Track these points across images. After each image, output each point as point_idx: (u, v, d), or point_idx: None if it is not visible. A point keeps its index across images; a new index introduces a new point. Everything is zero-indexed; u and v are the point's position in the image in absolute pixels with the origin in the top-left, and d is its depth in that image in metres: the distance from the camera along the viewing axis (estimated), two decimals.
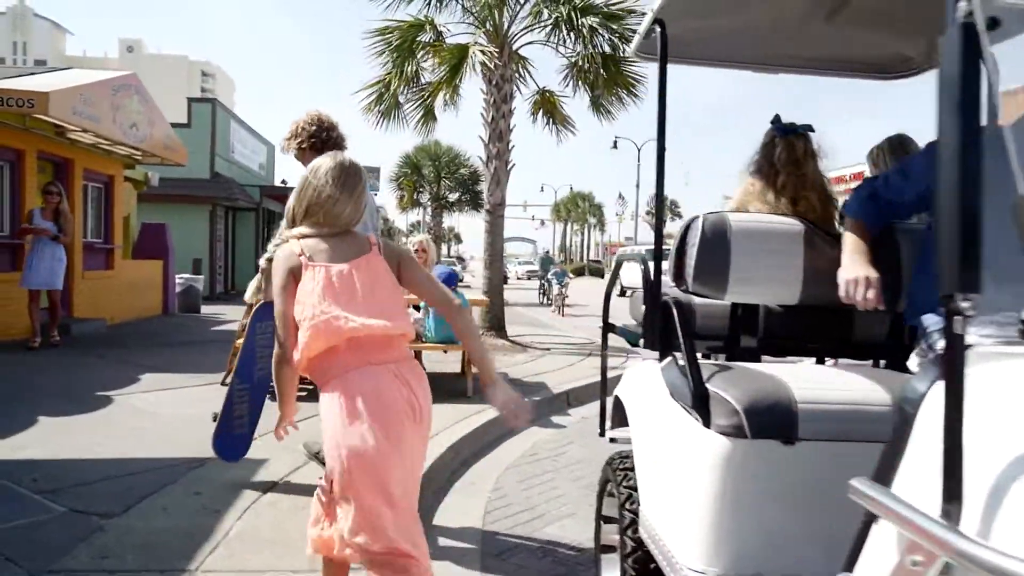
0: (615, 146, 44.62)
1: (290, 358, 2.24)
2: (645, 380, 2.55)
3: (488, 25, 10.15)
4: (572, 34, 10.07)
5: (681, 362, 2.15)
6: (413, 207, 32.34)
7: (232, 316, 14.20)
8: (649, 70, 10.20)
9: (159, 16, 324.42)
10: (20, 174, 9.33)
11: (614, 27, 9.86)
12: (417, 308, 6.57)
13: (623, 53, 9.99)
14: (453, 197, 31.69)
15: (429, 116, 11.10)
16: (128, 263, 12.87)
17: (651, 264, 2.71)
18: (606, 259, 62.48)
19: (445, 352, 7.18)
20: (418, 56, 10.12)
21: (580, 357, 9.26)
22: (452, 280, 7.25)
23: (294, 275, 2.21)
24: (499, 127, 10.38)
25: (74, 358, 7.93)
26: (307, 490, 3.13)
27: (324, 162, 2.34)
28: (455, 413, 5.70)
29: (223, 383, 6.09)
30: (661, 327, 2.47)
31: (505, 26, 10.17)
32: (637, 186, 43.78)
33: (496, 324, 10.24)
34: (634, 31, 10.41)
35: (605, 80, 10.16)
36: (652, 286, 2.61)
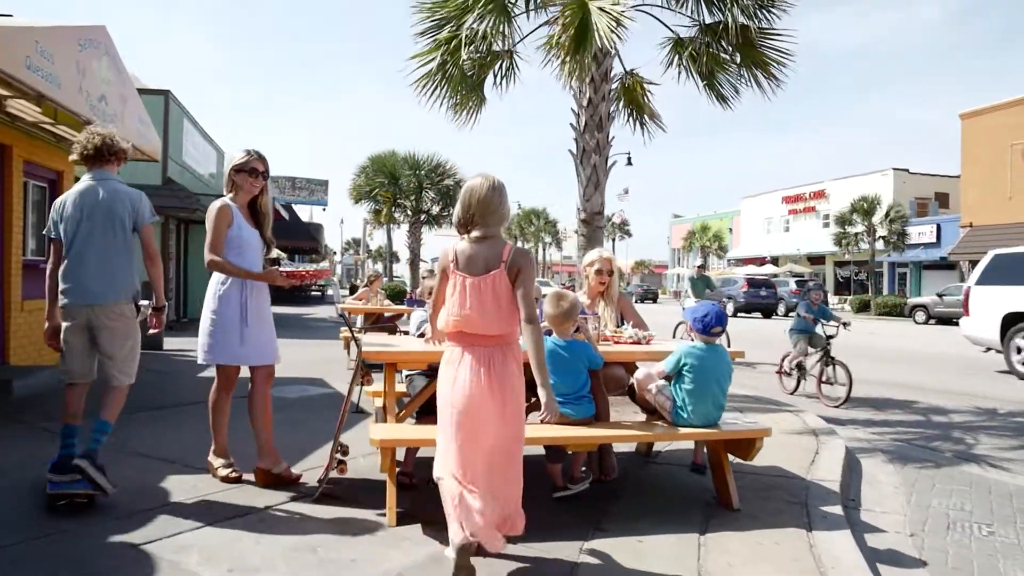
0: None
1: (436, 312, 3.26)
2: None
3: None
4: None
5: None
6: (390, 222, 29.29)
7: None
8: (793, 47, 7.92)
9: None
10: None
11: None
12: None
13: (760, 24, 7.73)
14: (435, 211, 28.80)
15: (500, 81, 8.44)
16: None
17: None
18: (556, 279, 60.42)
19: None
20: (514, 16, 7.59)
21: None
22: None
23: (444, 271, 3.16)
24: (599, 112, 7.97)
25: (12, 436, 5.15)
26: None
27: (477, 181, 3.13)
28: None
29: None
30: None
31: None
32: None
33: None
34: None
35: (742, 59, 7.87)
36: None
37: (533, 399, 3.41)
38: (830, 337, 8.54)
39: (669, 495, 4.40)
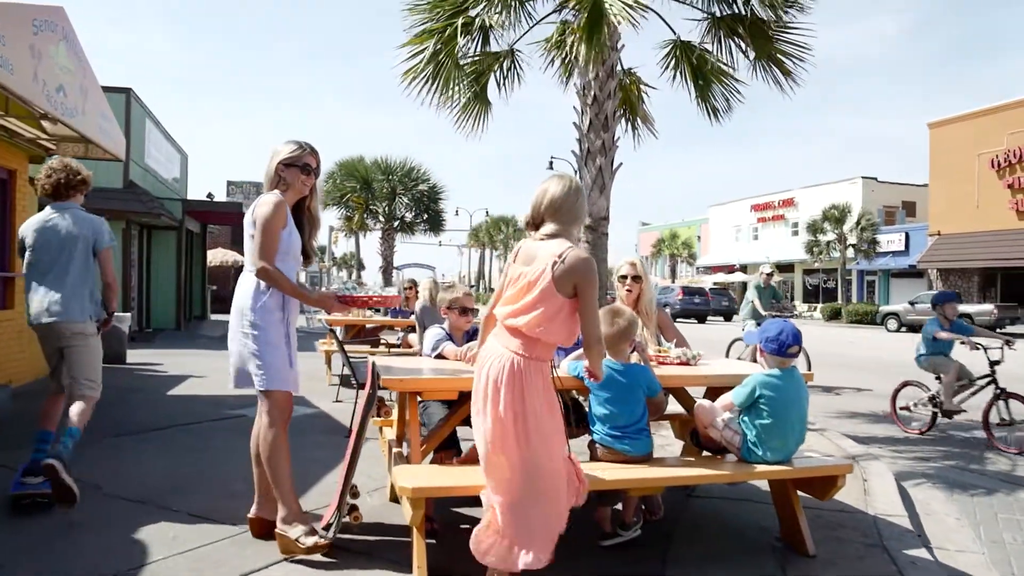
0: (551, 167, 42.40)
1: (490, 315, 2.97)
2: None
3: None
4: None
5: None
6: (361, 229, 28.25)
7: (170, 365, 10.49)
8: (812, 41, 7.48)
9: None
10: None
11: None
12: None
13: (773, 18, 7.29)
14: (408, 217, 27.85)
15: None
16: None
17: None
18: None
19: None
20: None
21: None
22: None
23: (509, 264, 2.96)
24: (604, 111, 7.45)
25: None
26: None
27: (553, 181, 2.95)
28: None
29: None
30: None
31: None
32: None
33: None
34: None
35: (757, 54, 7.40)
36: None
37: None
38: (995, 363, 6.72)
39: (728, 536, 3.86)
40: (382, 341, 10.01)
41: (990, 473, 5.80)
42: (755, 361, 3.74)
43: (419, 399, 3.91)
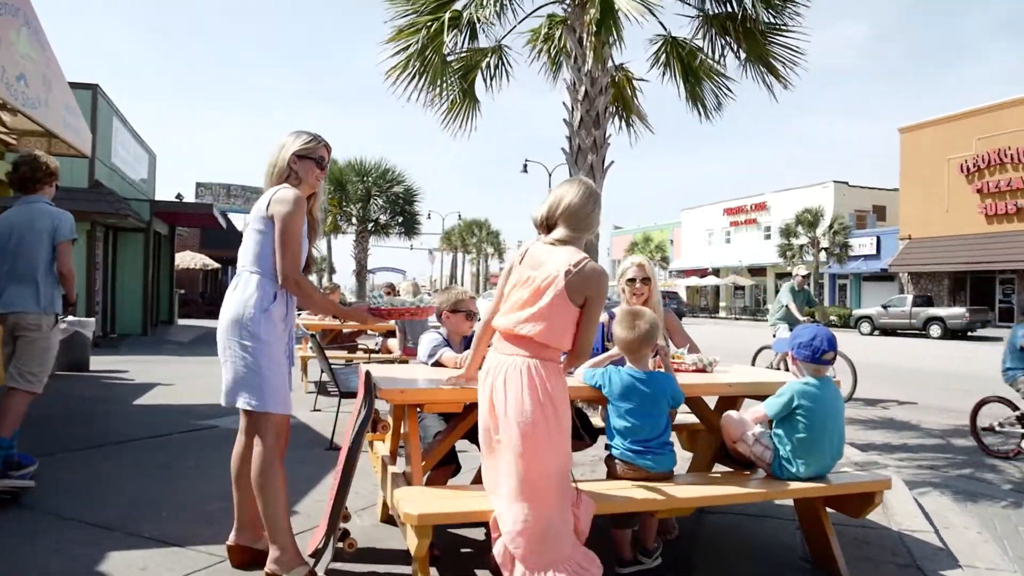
0: (525, 169, 42.19)
1: (488, 326, 2.84)
2: None
3: None
4: None
5: None
6: (334, 231, 27.66)
7: (136, 372, 9.99)
8: (803, 45, 7.25)
9: None
10: None
11: None
12: None
13: (763, 18, 7.07)
14: (383, 219, 27.27)
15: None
16: None
17: None
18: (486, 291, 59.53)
19: None
20: None
21: None
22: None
23: (509, 272, 2.83)
24: (595, 107, 7.18)
25: None
26: None
27: (572, 185, 2.85)
28: None
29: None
30: None
31: None
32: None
33: None
34: None
35: (748, 54, 7.17)
36: None
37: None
38: None
39: (752, 557, 3.58)
40: (360, 347, 9.64)
41: (999, 482, 5.61)
42: (787, 369, 3.47)
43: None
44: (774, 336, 9.91)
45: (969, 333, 27.42)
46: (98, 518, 3.79)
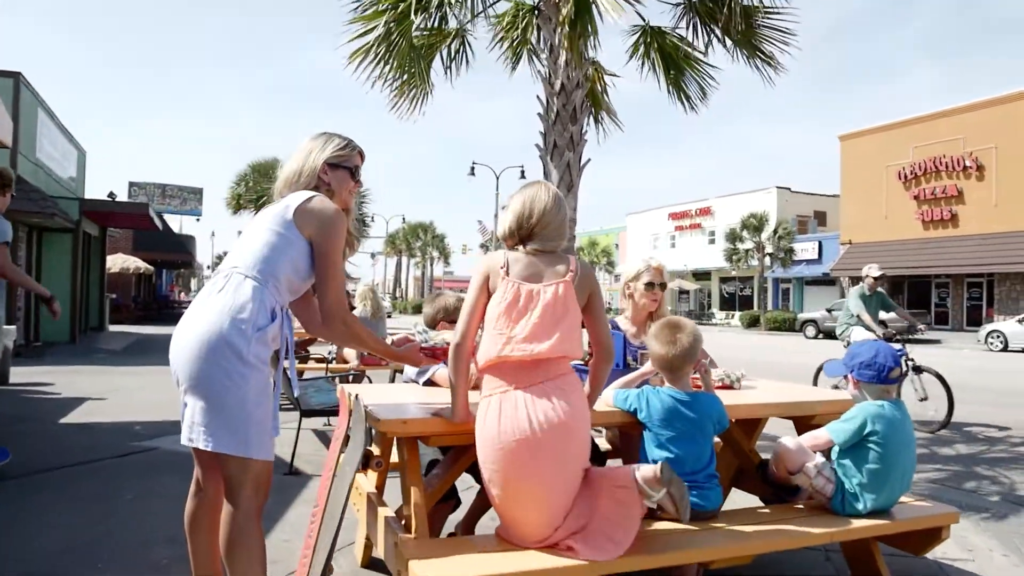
0: (472, 172, 41.75)
1: (468, 349, 2.44)
2: None
3: None
4: None
5: None
6: None
7: (63, 386, 9.12)
8: (795, 27, 6.99)
9: None
10: None
11: None
12: None
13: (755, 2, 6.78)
14: None
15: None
16: None
17: None
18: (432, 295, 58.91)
19: None
20: None
21: None
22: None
23: (490, 278, 2.46)
24: (572, 102, 6.75)
25: None
26: None
27: (540, 191, 2.57)
28: None
29: None
30: None
31: None
32: (496, 216, 41.13)
33: None
34: None
35: (740, 36, 6.84)
36: None
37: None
38: None
39: None
40: (311, 356, 9.02)
41: (991, 493, 5.38)
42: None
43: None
44: (846, 345, 7.83)
45: (908, 335, 28.02)
46: (25, 567, 3.16)
